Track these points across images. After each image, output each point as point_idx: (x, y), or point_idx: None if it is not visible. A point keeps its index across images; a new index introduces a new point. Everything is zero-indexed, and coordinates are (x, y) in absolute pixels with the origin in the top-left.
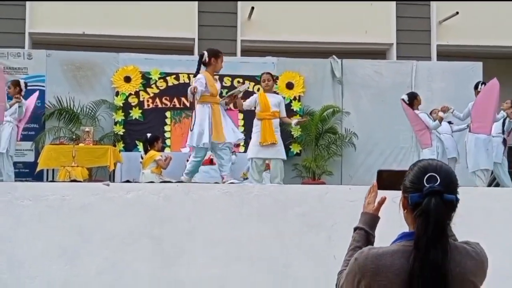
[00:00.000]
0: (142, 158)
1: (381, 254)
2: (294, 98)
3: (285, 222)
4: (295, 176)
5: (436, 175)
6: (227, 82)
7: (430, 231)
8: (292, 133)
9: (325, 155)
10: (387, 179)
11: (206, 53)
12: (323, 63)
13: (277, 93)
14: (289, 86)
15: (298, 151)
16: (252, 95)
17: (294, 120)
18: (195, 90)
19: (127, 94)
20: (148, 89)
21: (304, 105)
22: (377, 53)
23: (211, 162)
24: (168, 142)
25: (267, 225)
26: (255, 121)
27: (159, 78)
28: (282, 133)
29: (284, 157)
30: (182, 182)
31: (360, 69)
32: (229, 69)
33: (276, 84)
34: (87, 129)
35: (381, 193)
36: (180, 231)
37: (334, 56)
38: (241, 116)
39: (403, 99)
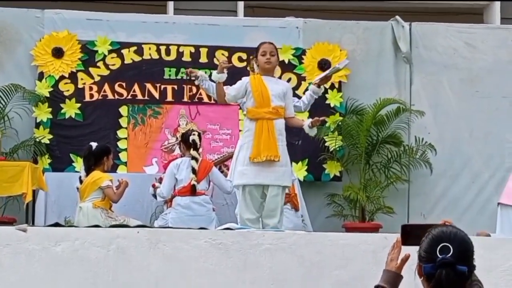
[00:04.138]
0: (80, 182)
1: None
2: (332, 87)
3: None
4: (332, 215)
5: (449, 245)
6: (222, 58)
7: None
8: (327, 144)
9: (382, 181)
10: (413, 234)
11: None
12: (380, 28)
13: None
14: (323, 66)
15: (338, 174)
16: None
17: (307, 121)
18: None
19: (57, 77)
20: (91, 70)
21: (347, 98)
22: (468, 12)
23: (192, 191)
24: (122, 156)
25: None
26: (246, 123)
27: (110, 52)
28: (308, 143)
29: (289, 183)
30: (146, 226)
31: (440, 39)
32: (227, 37)
33: (301, 63)
34: None
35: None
36: None
37: (398, 17)
38: (241, 114)
39: None
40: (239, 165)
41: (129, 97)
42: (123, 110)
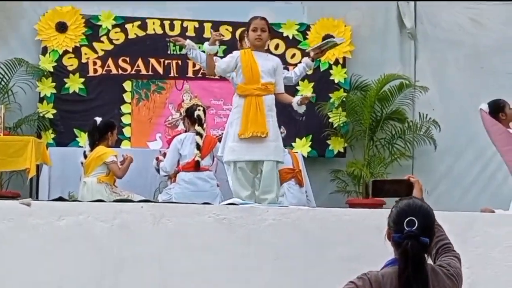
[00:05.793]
0: (85, 157)
1: (383, 274)
2: (336, 63)
3: (321, 270)
4: (335, 191)
5: (415, 219)
6: (226, 34)
7: (410, 269)
8: (331, 120)
9: (385, 157)
10: (381, 188)
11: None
12: (385, 4)
13: (271, 53)
14: None
15: (342, 150)
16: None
17: (296, 98)
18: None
19: (60, 52)
20: (95, 44)
21: (351, 74)
22: None
23: (196, 166)
24: (126, 132)
25: (290, 275)
26: (235, 99)
27: (114, 26)
28: (312, 119)
29: (281, 158)
30: (149, 201)
31: (445, 16)
32: (231, 13)
33: (305, 39)
34: None
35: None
36: (145, 283)
37: None
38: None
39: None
40: (229, 141)
41: (133, 72)
42: (127, 85)
